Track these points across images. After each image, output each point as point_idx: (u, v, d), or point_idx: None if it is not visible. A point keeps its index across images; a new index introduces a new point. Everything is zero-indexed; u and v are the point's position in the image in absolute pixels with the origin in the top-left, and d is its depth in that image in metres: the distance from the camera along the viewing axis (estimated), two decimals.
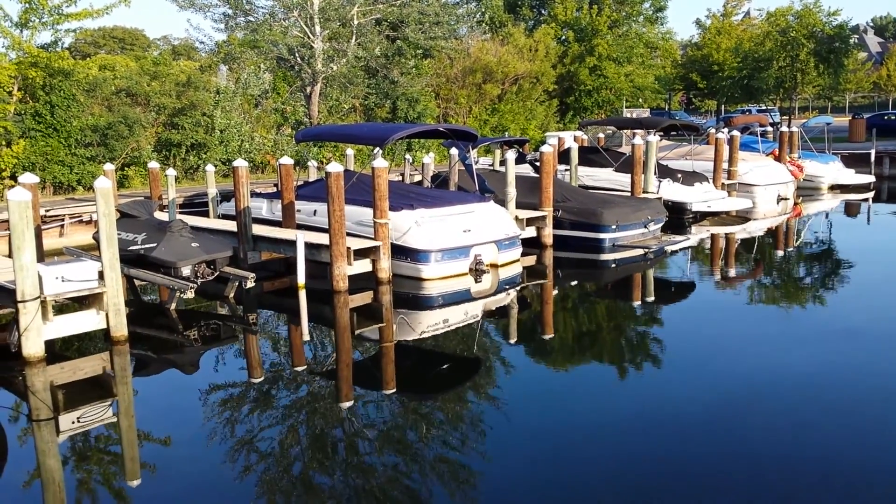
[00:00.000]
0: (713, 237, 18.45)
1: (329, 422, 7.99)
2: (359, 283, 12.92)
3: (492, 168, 20.94)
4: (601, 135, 29.65)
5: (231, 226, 15.02)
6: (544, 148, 16.21)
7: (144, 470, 6.89)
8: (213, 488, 6.52)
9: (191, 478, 6.76)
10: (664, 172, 20.25)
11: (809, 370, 8.89)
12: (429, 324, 11.89)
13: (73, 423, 8.00)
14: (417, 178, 21.75)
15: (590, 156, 21.81)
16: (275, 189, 19.02)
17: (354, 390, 9.01)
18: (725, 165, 21.90)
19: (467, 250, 13.68)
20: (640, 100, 44.83)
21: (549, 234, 16.18)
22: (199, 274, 11.87)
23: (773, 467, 6.44)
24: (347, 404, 8.47)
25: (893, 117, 41.05)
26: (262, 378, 9.39)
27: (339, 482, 6.55)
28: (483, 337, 11.12)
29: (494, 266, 14.17)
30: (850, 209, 23.11)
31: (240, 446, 7.21)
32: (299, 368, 9.82)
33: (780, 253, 17.10)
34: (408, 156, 24.39)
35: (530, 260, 15.20)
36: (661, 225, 17.54)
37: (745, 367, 9.00)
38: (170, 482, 6.63)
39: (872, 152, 28.81)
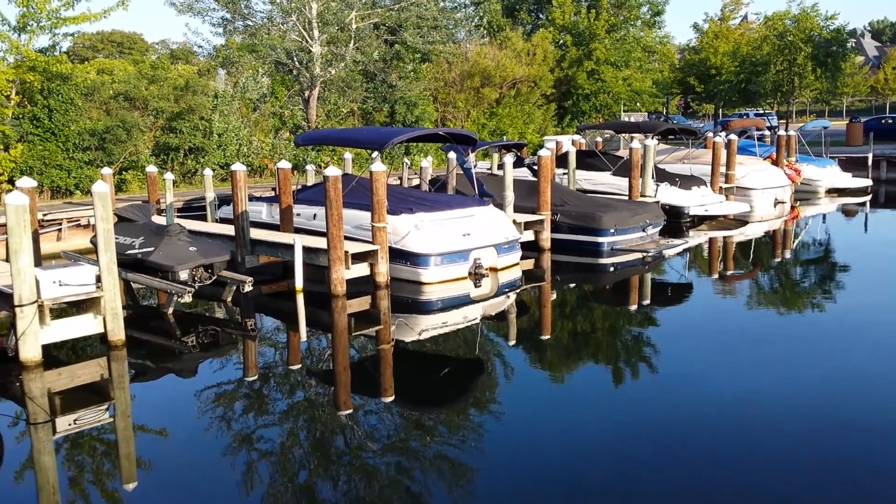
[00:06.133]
0: (711, 241, 18.46)
1: (327, 427, 7.97)
2: (358, 286, 12.90)
3: (490, 172, 20.95)
4: (599, 139, 29.66)
5: (228, 230, 15.00)
6: (542, 152, 16.22)
7: (141, 475, 6.86)
8: (210, 494, 6.49)
9: (187, 483, 6.73)
10: (662, 176, 20.27)
11: (807, 374, 8.88)
12: (428, 327, 11.88)
13: (70, 427, 7.98)
14: (415, 181, 21.75)
15: (588, 160, 21.82)
16: (273, 193, 19.01)
17: (352, 395, 8.99)
18: (723, 169, 21.92)
19: (467, 254, 13.68)
20: (638, 104, 44.89)
21: (547, 237, 16.19)
22: (196, 278, 11.84)
23: (770, 472, 6.43)
24: (345, 409, 8.45)
25: (891, 121, 41.13)
26: (260, 382, 9.37)
27: (338, 488, 6.53)
28: (482, 341, 11.11)
29: (494, 270, 14.16)
30: (848, 213, 23.14)
31: (237, 452, 7.19)
32: (297, 373, 9.80)
33: (778, 257, 17.11)
34: (406, 160, 24.41)
35: (529, 263, 15.19)
36: (659, 228, 17.54)
37: (742, 371, 8.99)
38: (166, 488, 6.61)
39: (870, 156, 28.85)
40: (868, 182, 26.51)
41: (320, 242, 13.04)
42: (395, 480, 6.63)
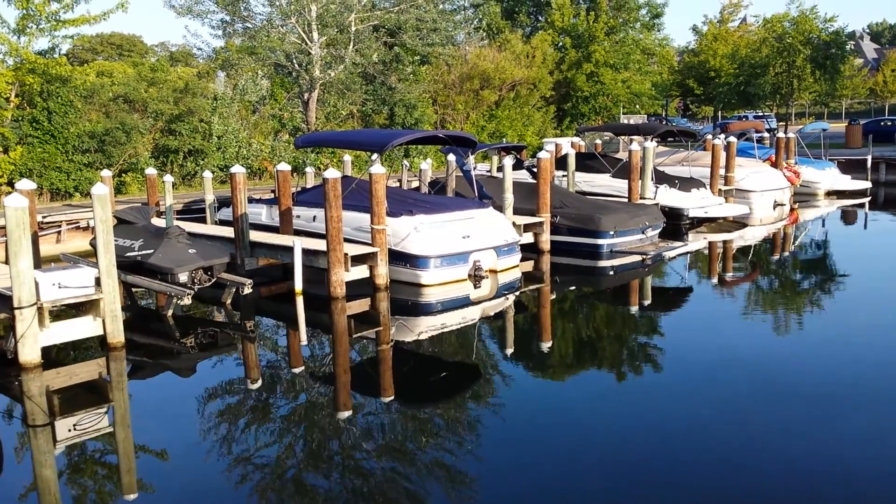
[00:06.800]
0: (710, 243, 18.46)
1: (327, 430, 7.96)
2: (358, 288, 12.90)
3: (489, 174, 20.95)
4: (598, 141, 29.69)
5: (228, 232, 15.00)
6: (541, 154, 16.23)
7: (140, 478, 6.85)
8: (209, 496, 6.49)
9: (187, 486, 6.72)
10: (661, 178, 20.27)
11: (807, 375, 8.88)
12: (427, 329, 11.87)
13: (70, 430, 7.96)
14: (415, 184, 21.74)
15: (587, 162, 21.84)
16: (273, 195, 18.98)
17: (352, 398, 8.98)
18: (722, 171, 21.93)
19: (466, 256, 13.68)
20: (637, 106, 44.93)
21: (546, 239, 16.19)
22: (196, 280, 11.84)
23: (770, 474, 6.43)
24: (345, 412, 8.45)
25: (890, 123, 41.18)
26: (259, 385, 9.37)
27: (339, 491, 6.52)
28: (481, 343, 11.11)
29: (493, 272, 14.16)
30: (847, 215, 23.15)
31: (237, 454, 7.18)
32: (296, 375, 9.79)
33: (777, 259, 17.12)
34: (405, 162, 24.41)
35: (529, 266, 15.19)
36: (658, 231, 17.55)
37: (742, 374, 8.99)
38: (165, 491, 6.60)
39: (869, 158, 28.89)
40: (867, 184, 26.53)
41: (320, 244, 13.05)
42: (395, 482, 6.62)
